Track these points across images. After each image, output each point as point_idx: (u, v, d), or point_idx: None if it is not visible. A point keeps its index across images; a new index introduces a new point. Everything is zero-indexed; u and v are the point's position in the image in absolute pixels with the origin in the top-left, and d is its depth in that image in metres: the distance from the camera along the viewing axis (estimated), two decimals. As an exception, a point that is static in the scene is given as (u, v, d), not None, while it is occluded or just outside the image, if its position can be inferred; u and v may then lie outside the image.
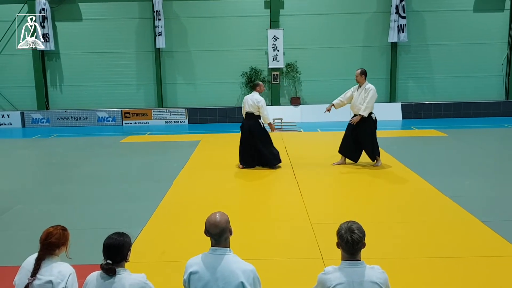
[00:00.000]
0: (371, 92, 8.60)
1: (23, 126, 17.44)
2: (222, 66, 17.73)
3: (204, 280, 2.87)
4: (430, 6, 17.36)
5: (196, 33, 17.63)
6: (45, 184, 8.63)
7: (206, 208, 6.11)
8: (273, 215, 6.46)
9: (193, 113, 17.38)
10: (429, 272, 4.62)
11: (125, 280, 2.89)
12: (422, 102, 17.53)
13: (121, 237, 2.99)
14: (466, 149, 10.96)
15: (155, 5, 16.92)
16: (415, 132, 14.11)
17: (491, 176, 8.31)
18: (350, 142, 9.03)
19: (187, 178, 8.69)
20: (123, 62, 17.86)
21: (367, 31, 17.58)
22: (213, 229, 2.95)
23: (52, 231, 3.12)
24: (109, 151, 11.78)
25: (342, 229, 2.89)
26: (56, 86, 18.12)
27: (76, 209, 6.94)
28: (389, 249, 5.19)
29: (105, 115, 17.53)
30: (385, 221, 6.14)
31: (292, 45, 17.45)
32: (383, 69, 17.78)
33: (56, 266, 3.04)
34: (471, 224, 5.91)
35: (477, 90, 17.78)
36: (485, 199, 7.01)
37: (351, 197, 7.33)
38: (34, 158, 11.65)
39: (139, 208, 6.85)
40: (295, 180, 8.28)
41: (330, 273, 2.84)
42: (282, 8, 17.40)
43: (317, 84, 17.74)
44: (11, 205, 7.13)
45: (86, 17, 17.59)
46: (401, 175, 8.53)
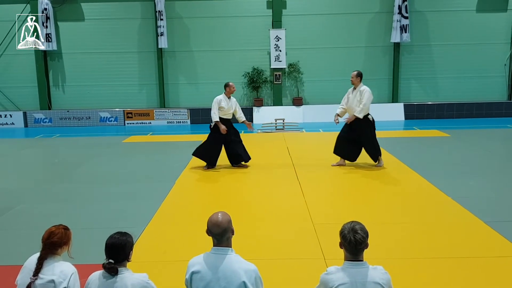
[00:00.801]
0: (366, 93, 8.64)
1: (25, 126, 17.49)
2: (224, 66, 17.74)
3: (206, 279, 2.87)
4: (433, 6, 17.34)
5: (198, 33, 17.65)
6: (47, 183, 8.64)
7: (208, 208, 6.12)
8: (275, 215, 6.45)
9: (195, 113, 17.39)
10: (432, 272, 4.60)
11: (127, 279, 2.89)
12: (425, 103, 17.50)
13: (123, 236, 2.99)
14: (468, 150, 10.92)
15: (157, 5, 16.94)
16: (417, 133, 14.08)
17: (494, 177, 8.28)
18: (345, 142, 9.03)
19: (189, 178, 8.69)
20: (125, 62, 17.89)
21: (369, 31, 17.56)
22: (215, 229, 2.94)
23: (54, 230, 3.12)
24: (111, 151, 11.79)
25: (345, 229, 2.88)
26: (59, 86, 18.16)
27: (78, 208, 6.94)
28: (391, 249, 5.18)
29: (107, 115, 17.56)
30: (387, 221, 6.12)
31: (294, 45, 17.45)
32: (385, 69, 17.76)
33: (58, 266, 3.04)
34: (474, 225, 5.88)
35: (480, 90, 17.74)
36: (488, 199, 6.98)
37: (354, 198, 7.32)
38: (37, 158, 11.67)
39: (141, 207, 6.85)
40: (297, 180, 8.27)
41: (333, 273, 2.83)
42: (284, 8, 17.40)
43: (319, 85, 17.74)
44: (13, 204, 7.15)
45: (88, 17, 17.63)
46: (403, 176, 8.51)
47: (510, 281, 4.44)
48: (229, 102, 9.14)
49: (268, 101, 18.00)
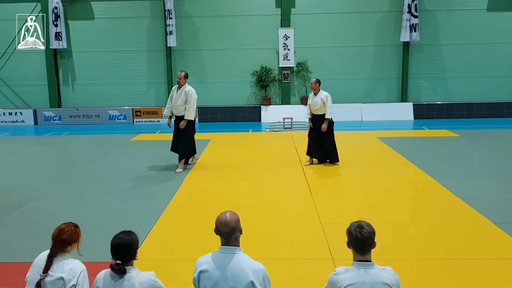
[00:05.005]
0: (328, 97, 9.01)
1: (35, 123, 17.63)
2: (232, 65, 17.75)
3: (214, 278, 2.87)
4: (443, 5, 17.20)
5: (207, 32, 17.67)
6: (57, 181, 8.71)
7: (216, 207, 6.13)
8: (283, 214, 6.44)
9: (203, 111, 17.42)
10: (441, 273, 4.57)
11: (134, 278, 2.90)
12: (434, 102, 17.38)
13: (128, 236, 2.98)
14: (478, 150, 10.83)
15: (167, 4, 16.99)
16: (427, 133, 13.98)
17: (504, 178, 8.20)
18: (316, 144, 9.25)
19: (197, 176, 8.71)
20: (134, 60, 17.97)
21: (379, 30, 17.46)
22: (223, 228, 2.94)
23: (64, 228, 3.13)
24: (120, 149, 11.85)
25: (352, 227, 2.88)
26: (68, 84, 18.29)
27: (87, 206, 6.99)
28: (400, 250, 5.15)
29: (117, 113, 17.65)
30: (396, 221, 6.09)
31: (303, 44, 17.41)
32: (394, 68, 17.66)
33: (68, 263, 3.05)
34: (483, 226, 5.84)
35: (490, 90, 17.57)
36: (498, 200, 6.92)
37: (362, 197, 7.29)
38: (46, 155, 11.76)
39: (149, 206, 6.88)
40: (305, 179, 8.25)
41: (341, 274, 2.82)
42: (293, 7, 17.36)
43: (327, 83, 17.56)
44: (23, 202, 7.21)
45: (98, 15, 17.73)
46: (412, 176, 8.46)
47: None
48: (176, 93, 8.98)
49: (276, 100, 17.98)
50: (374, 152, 10.72)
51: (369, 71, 17.69)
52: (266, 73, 17.35)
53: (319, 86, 9.15)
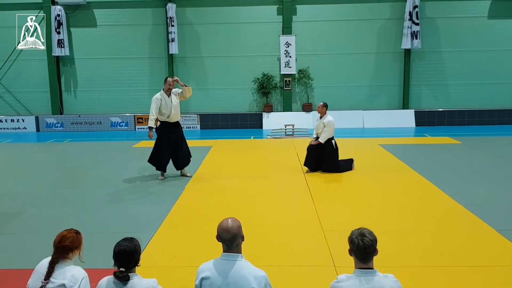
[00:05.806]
0: (330, 124, 9.09)
1: (37, 130, 17.67)
2: (234, 72, 17.81)
3: (216, 285, 2.86)
4: (444, 13, 17.26)
5: (209, 39, 17.74)
6: (59, 188, 8.72)
7: (218, 214, 6.11)
8: (285, 221, 6.43)
9: (205, 118, 17.45)
10: (443, 281, 4.55)
11: (136, 285, 2.89)
12: (436, 109, 17.38)
13: (131, 243, 2.97)
14: (480, 157, 10.82)
15: (169, 12, 17.08)
16: (428, 140, 13.98)
17: (506, 185, 8.18)
18: (313, 159, 9.31)
19: (198, 183, 8.71)
20: (136, 67, 18.03)
21: (380, 37, 17.52)
22: (225, 234, 2.94)
23: (65, 234, 3.13)
24: (122, 155, 11.87)
25: (353, 235, 2.87)
26: (71, 91, 18.35)
27: (89, 213, 6.99)
28: (402, 257, 5.13)
29: (118, 120, 17.69)
30: (398, 229, 6.08)
31: (305, 52, 17.46)
32: (396, 76, 17.69)
33: (69, 270, 3.05)
34: (486, 233, 5.82)
35: (492, 97, 17.58)
36: (501, 208, 6.90)
37: (364, 204, 7.27)
38: (48, 162, 11.78)
39: (151, 212, 6.88)
40: (307, 186, 8.25)
41: (343, 281, 2.81)
42: (294, 14, 17.44)
43: (329, 91, 17.71)
44: (25, 208, 7.22)
45: (100, 23, 17.82)
46: (414, 183, 8.45)
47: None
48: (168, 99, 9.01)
49: (278, 107, 18.00)
50: (375, 159, 10.71)
51: (371, 78, 17.72)
52: (267, 80, 17.39)
53: (326, 110, 9.23)
